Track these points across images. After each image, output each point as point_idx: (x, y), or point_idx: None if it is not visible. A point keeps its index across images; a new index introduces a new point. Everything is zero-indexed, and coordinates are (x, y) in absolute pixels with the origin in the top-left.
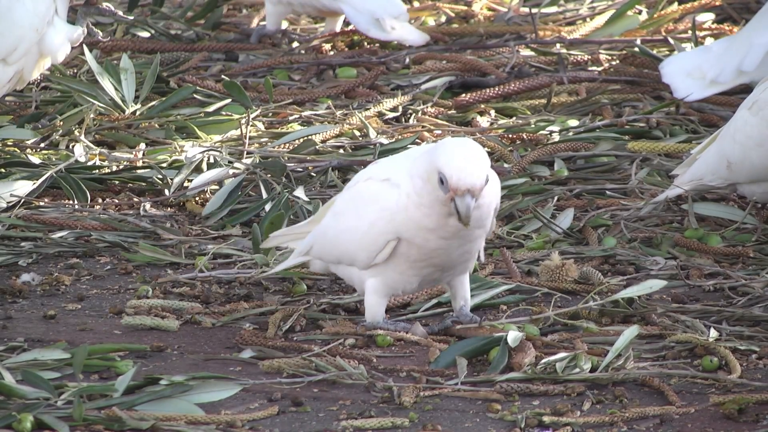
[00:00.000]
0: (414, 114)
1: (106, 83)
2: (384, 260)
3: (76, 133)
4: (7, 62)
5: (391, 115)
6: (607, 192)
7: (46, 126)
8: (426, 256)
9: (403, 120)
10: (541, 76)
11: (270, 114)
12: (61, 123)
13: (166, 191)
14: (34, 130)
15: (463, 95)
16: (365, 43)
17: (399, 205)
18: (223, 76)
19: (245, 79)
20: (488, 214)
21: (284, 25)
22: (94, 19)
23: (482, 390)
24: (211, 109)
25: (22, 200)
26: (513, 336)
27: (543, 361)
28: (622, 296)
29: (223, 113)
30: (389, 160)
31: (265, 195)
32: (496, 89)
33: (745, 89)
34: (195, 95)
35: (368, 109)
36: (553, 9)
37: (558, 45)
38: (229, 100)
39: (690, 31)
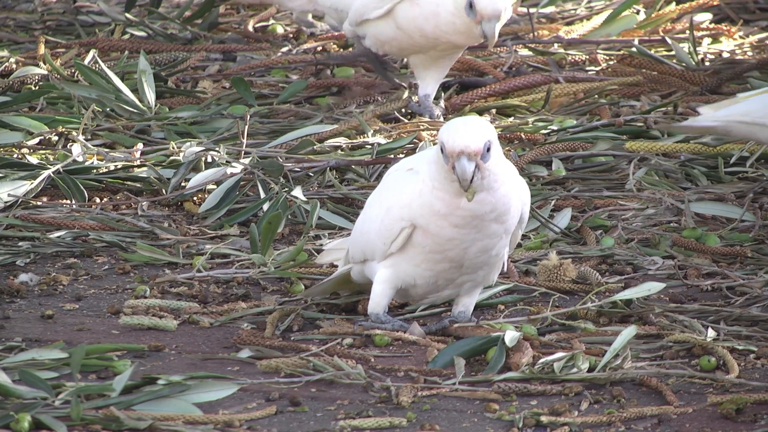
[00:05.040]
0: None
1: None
2: (399, 249)
3: (74, 133)
4: None
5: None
6: (605, 191)
7: None
8: (440, 247)
9: (402, 119)
10: (534, 74)
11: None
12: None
13: (164, 191)
14: None
15: (456, 95)
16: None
17: (415, 190)
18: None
19: (249, 79)
20: (506, 208)
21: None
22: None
23: (480, 390)
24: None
25: (20, 200)
26: (510, 336)
27: (541, 361)
28: (620, 298)
29: (224, 113)
30: (425, 150)
31: (262, 195)
32: (487, 88)
33: (746, 89)
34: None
35: (364, 109)
36: (551, 9)
37: (556, 45)
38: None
39: (687, 31)
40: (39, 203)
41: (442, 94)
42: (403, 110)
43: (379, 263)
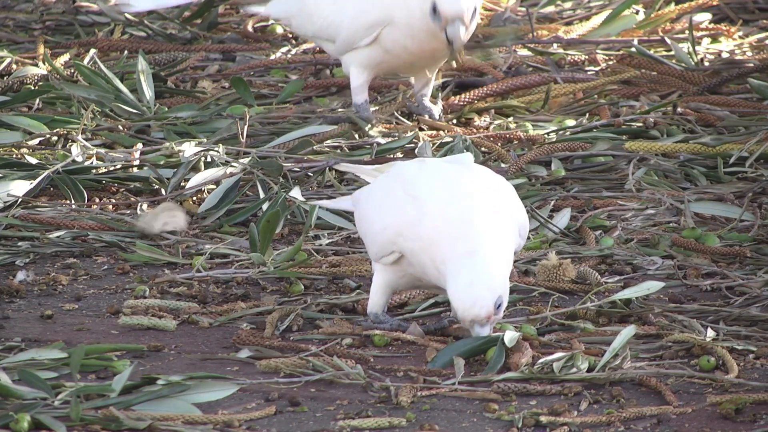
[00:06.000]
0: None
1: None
2: (389, 263)
3: (74, 133)
4: None
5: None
6: (604, 192)
7: None
8: (424, 274)
9: (402, 120)
10: (533, 74)
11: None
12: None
13: (163, 191)
14: None
15: (454, 96)
16: None
17: (413, 220)
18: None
19: (248, 79)
20: None
21: None
22: None
23: (479, 390)
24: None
25: (20, 200)
26: (510, 336)
27: (540, 361)
28: (619, 297)
29: (224, 113)
30: (438, 172)
31: (262, 195)
32: (485, 89)
33: (745, 90)
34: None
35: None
36: (550, 9)
37: (555, 45)
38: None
39: (687, 31)
40: (39, 203)
41: (440, 94)
42: (403, 110)
43: (374, 262)
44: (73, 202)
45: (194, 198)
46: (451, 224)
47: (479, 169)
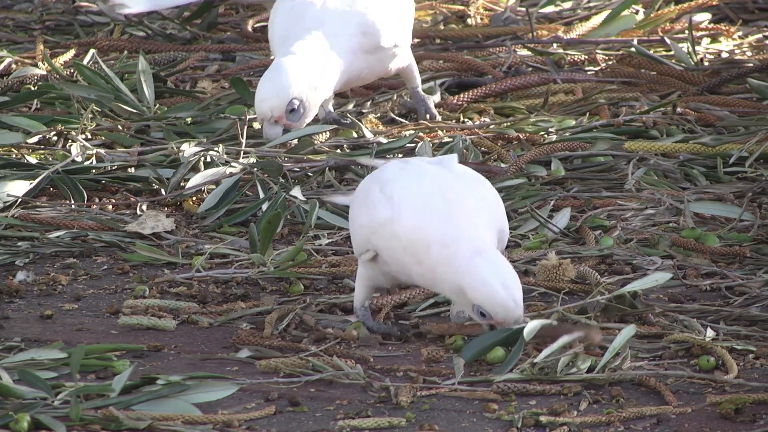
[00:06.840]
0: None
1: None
2: (366, 260)
3: (73, 133)
4: None
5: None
6: (604, 191)
7: None
8: (404, 270)
9: (401, 120)
10: (532, 74)
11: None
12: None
13: (163, 191)
14: None
15: (455, 96)
16: None
17: (387, 221)
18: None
19: (248, 79)
20: None
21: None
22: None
23: (479, 390)
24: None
25: (19, 200)
26: (530, 328)
27: (541, 360)
28: (628, 290)
29: (222, 115)
30: (417, 173)
31: (262, 195)
32: (485, 88)
33: (745, 89)
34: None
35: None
36: (550, 9)
37: (555, 45)
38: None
39: (686, 31)
40: (38, 203)
41: (436, 83)
42: (401, 111)
43: (358, 257)
44: (72, 202)
45: (194, 198)
46: (431, 225)
47: (462, 170)
